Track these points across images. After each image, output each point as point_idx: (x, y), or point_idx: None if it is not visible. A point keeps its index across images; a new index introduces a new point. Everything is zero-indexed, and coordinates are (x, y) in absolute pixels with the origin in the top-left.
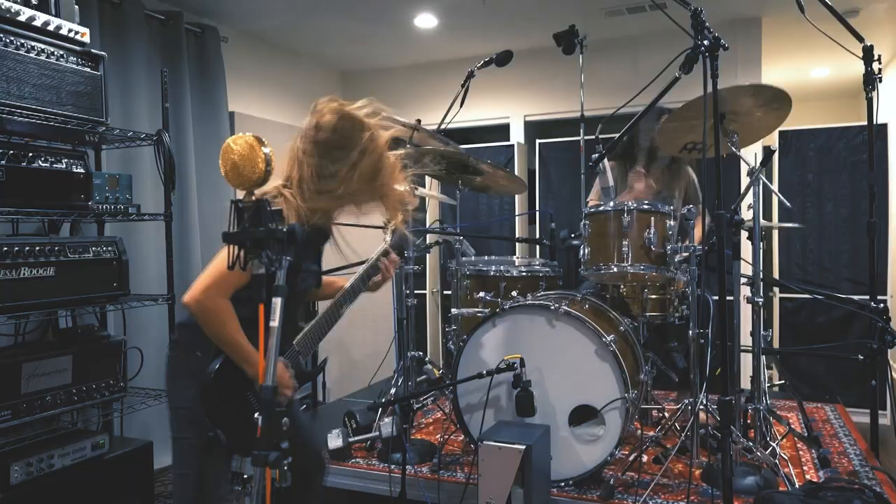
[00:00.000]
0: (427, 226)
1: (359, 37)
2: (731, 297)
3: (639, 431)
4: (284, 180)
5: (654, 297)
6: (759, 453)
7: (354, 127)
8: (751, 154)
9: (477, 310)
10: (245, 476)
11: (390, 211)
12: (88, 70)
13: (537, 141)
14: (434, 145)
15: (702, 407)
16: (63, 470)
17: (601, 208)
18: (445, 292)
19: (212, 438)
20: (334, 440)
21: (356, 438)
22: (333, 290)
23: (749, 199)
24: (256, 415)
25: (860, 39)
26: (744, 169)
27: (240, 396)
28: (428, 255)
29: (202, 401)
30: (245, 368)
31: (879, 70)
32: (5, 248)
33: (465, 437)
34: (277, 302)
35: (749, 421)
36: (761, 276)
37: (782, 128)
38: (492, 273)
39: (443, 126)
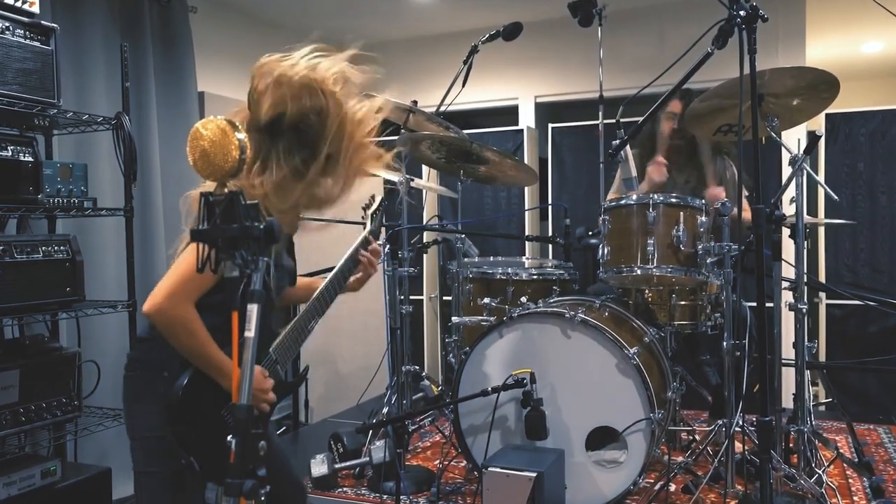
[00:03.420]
0: (424, 222)
1: (347, 6)
2: (770, 304)
3: (666, 457)
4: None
5: (683, 303)
6: (802, 482)
7: (302, 94)
8: (793, 140)
9: (481, 318)
10: None
11: (358, 173)
12: (38, 44)
13: (550, 125)
14: (432, 130)
15: (738, 429)
16: (9, 501)
17: (622, 202)
18: (445, 298)
19: (185, 467)
20: (318, 466)
21: (343, 465)
22: (311, 291)
23: (791, 191)
24: (229, 438)
25: None
26: (785, 157)
27: (214, 415)
28: (425, 255)
29: (170, 422)
30: (220, 381)
31: None
32: None
33: (467, 462)
34: (253, 310)
35: (791, 445)
36: (805, 280)
37: (829, 110)
38: (498, 276)
39: (442, 108)
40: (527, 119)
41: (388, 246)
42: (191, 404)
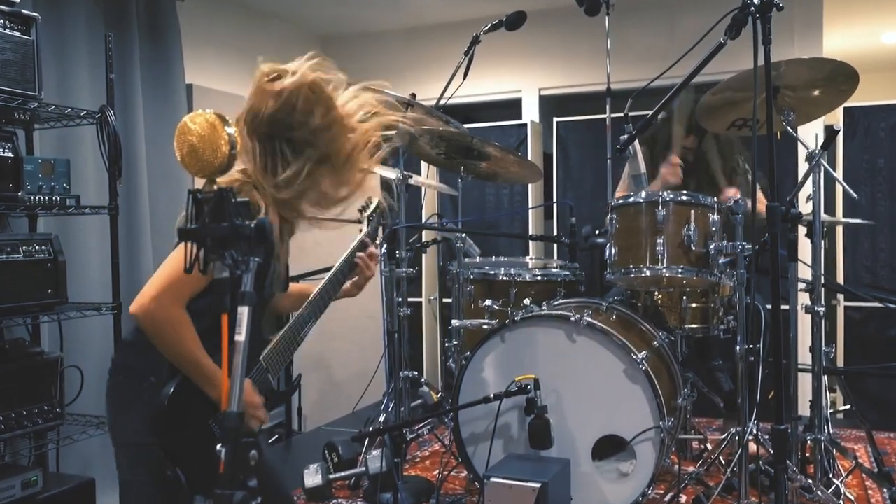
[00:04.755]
0: (423, 221)
1: None
2: (786, 306)
3: (676, 467)
4: (243, 172)
5: (694, 305)
6: (819, 493)
7: (306, 102)
8: (810, 135)
9: (482, 321)
10: None
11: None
12: (18, 35)
13: (555, 119)
14: (432, 124)
15: (751, 437)
16: None
17: (631, 199)
18: (445, 300)
19: (170, 479)
20: (312, 477)
21: (338, 475)
22: (303, 299)
23: (808, 188)
24: (219, 447)
25: None
26: (801, 153)
27: (201, 426)
28: (424, 255)
29: (156, 433)
30: (208, 391)
31: None
32: None
33: (468, 473)
34: (244, 312)
35: (808, 454)
36: (822, 281)
37: (847, 103)
38: (500, 277)
39: (442, 101)
40: (530, 113)
41: (385, 245)
42: (177, 414)
